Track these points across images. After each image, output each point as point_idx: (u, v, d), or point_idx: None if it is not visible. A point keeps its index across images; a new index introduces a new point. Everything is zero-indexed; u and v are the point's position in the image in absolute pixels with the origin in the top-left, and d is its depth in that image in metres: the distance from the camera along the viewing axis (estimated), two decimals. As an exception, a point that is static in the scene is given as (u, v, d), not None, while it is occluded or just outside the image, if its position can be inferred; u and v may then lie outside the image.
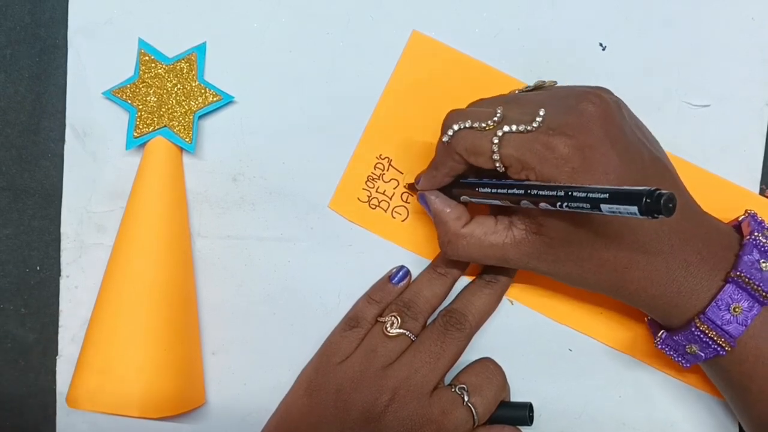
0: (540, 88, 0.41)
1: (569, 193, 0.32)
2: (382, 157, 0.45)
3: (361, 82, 0.45)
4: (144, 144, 0.44)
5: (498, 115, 0.37)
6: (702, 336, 0.36)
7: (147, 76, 0.45)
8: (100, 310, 0.42)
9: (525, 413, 0.42)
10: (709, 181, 0.44)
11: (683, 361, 0.39)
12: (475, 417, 0.40)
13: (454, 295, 0.44)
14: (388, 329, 0.42)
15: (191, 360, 0.44)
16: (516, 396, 0.44)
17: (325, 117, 0.45)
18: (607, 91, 0.37)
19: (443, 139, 0.38)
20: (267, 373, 0.45)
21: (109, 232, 0.45)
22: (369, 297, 0.44)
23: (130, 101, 0.45)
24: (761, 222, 0.39)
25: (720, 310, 0.36)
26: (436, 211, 0.41)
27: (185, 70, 0.45)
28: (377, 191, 0.45)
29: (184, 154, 0.45)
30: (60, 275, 0.46)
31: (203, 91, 0.45)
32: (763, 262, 0.36)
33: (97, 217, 0.45)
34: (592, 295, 0.43)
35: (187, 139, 0.44)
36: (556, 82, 0.41)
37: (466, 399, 0.40)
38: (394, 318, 0.42)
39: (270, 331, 0.45)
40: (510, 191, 0.36)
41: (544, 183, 0.35)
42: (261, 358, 0.45)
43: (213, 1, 0.45)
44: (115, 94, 0.45)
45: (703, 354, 0.37)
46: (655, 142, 0.39)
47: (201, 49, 0.45)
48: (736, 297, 0.36)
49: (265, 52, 0.45)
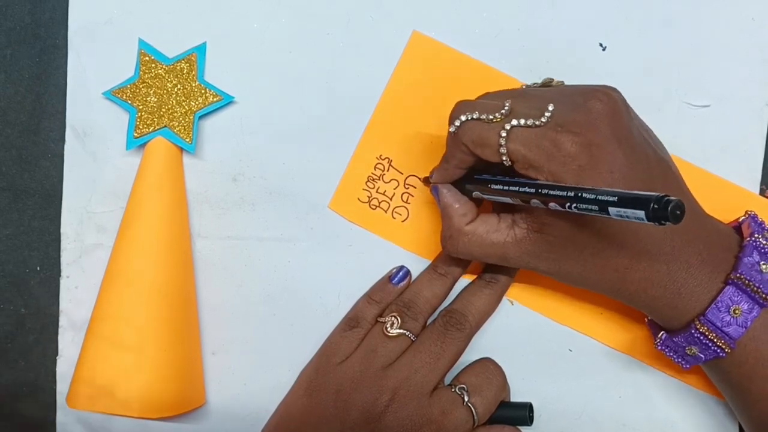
0: (547, 85, 0.40)
1: (579, 195, 0.32)
2: (383, 157, 0.45)
3: (361, 82, 0.45)
4: (144, 144, 0.44)
5: (506, 108, 0.37)
6: (702, 338, 0.36)
7: (147, 76, 0.45)
8: (100, 311, 0.42)
9: (525, 413, 0.42)
10: (709, 181, 0.43)
11: (683, 362, 0.39)
12: (475, 417, 0.40)
13: (454, 295, 0.44)
14: (388, 329, 0.42)
15: (191, 360, 0.44)
16: (516, 396, 0.44)
17: (325, 117, 0.45)
18: (615, 90, 0.37)
19: (450, 130, 0.38)
20: (267, 374, 0.45)
21: (109, 233, 0.45)
22: (369, 297, 0.44)
23: (130, 101, 0.45)
24: (761, 223, 0.39)
25: (720, 311, 0.36)
26: (444, 204, 0.40)
27: (185, 71, 0.45)
28: (377, 191, 0.45)
29: (184, 154, 0.45)
30: (60, 275, 0.46)
31: (203, 91, 0.45)
32: (763, 264, 0.36)
33: (97, 218, 0.45)
34: (592, 295, 0.43)
35: (187, 140, 0.44)
36: (563, 82, 0.41)
37: (466, 399, 0.40)
38: (394, 318, 0.42)
39: (270, 331, 0.45)
40: (521, 189, 0.36)
41: (554, 183, 0.35)
42: (261, 358, 0.45)
43: (213, 1, 0.45)
44: (116, 95, 0.45)
45: (702, 355, 0.37)
46: (660, 144, 0.39)
47: (201, 49, 0.45)
48: (736, 299, 0.36)
49: (265, 52, 0.45)
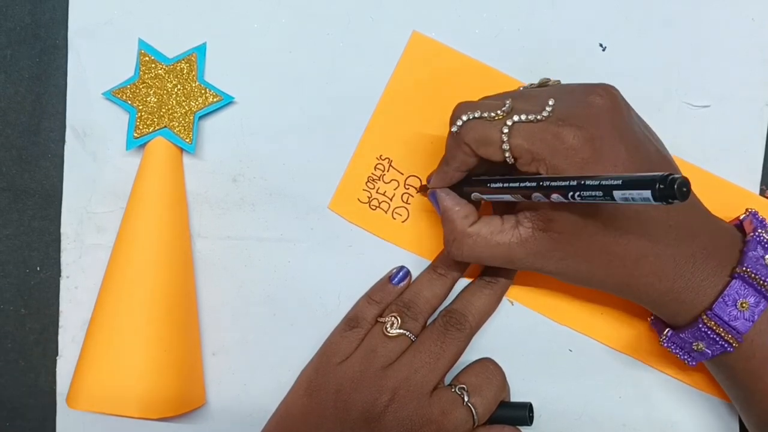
0: (544, 85, 0.41)
1: (582, 182, 0.32)
2: (383, 157, 0.45)
3: (361, 82, 0.45)
4: (144, 144, 0.44)
5: (507, 106, 0.37)
6: (709, 332, 0.36)
7: (147, 76, 0.45)
8: (100, 311, 0.42)
9: (525, 413, 0.42)
10: (709, 181, 0.43)
11: (689, 359, 0.39)
12: (475, 417, 0.40)
13: (454, 295, 0.44)
14: (388, 329, 0.42)
15: (191, 360, 0.44)
16: (516, 396, 0.44)
17: (325, 117, 0.45)
18: (613, 87, 0.37)
19: (452, 130, 0.38)
20: (267, 374, 0.45)
21: (109, 233, 0.45)
22: (369, 297, 0.44)
23: (130, 102, 0.45)
24: (762, 220, 0.39)
25: (727, 305, 0.36)
26: (445, 208, 0.40)
27: (185, 71, 0.45)
28: (377, 192, 0.45)
29: (184, 154, 0.45)
30: (60, 276, 0.46)
31: (203, 91, 0.45)
32: (768, 258, 0.36)
33: (97, 218, 0.45)
34: (592, 295, 0.43)
35: (187, 140, 0.44)
36: (560, 81, 0.41)
37: (466, 399, 0.40)
38: (394, 318, 0.42)
39: (270, 331, 0.45)
40: (522, 184, 0.36)
41: (555, 175, 0.35)
42: (261, 358, 0.45)
43: (213, 1, 0.45)
44: (116, 95, 0.45)
45: (710, 351, 0.37)
46: (660, 142, 0.39)
47: (201, 49, 0.45)
48: (743, 292, 0.36)
49: (265, 52, 0.45)
